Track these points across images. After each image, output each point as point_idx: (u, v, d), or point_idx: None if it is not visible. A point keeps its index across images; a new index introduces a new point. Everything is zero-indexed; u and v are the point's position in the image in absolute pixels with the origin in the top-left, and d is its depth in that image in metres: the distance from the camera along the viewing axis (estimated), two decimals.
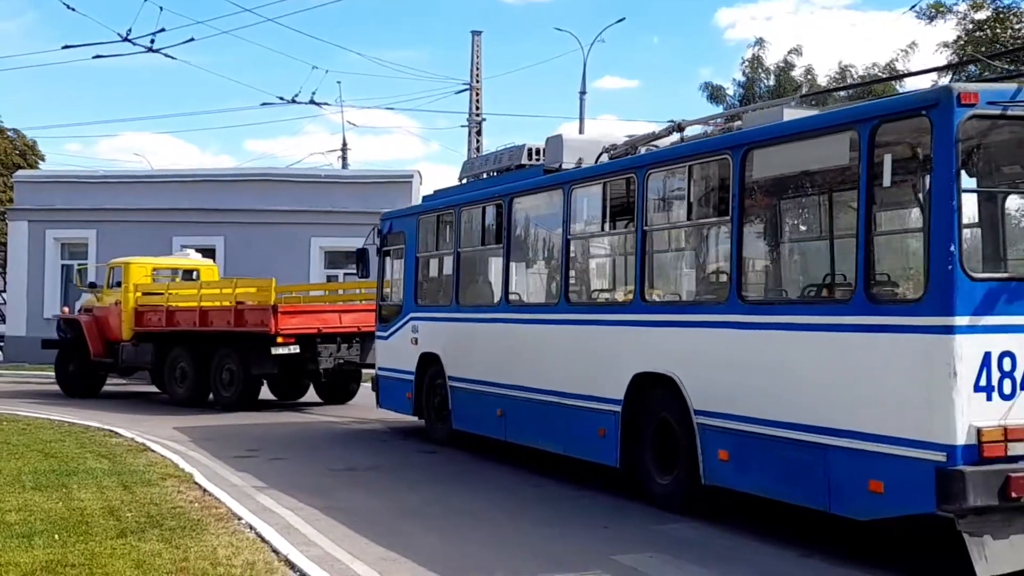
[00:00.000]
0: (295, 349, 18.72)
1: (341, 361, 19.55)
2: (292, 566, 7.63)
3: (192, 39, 24.59)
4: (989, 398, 7.04)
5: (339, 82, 66.88)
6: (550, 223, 12.38)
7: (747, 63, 34.70)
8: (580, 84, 38.35)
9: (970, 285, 7.08)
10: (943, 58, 27.21)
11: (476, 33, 37.83)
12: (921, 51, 32.16)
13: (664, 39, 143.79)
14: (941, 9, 24.66)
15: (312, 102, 29.77)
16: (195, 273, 23.08)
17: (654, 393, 9.97)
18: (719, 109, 34.78)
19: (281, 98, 29.79)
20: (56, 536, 8.18)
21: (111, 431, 15.13)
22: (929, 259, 7.28)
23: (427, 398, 14.70)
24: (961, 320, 7.03)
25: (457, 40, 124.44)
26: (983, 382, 7.05)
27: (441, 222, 14.69)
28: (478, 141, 37.44)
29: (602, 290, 12.57)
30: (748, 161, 8.96)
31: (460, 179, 15.10)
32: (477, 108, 37.42)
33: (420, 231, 15.16)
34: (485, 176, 14.20)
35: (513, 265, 13.08)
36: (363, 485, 11.44)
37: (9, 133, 57.85)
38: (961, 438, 6.95)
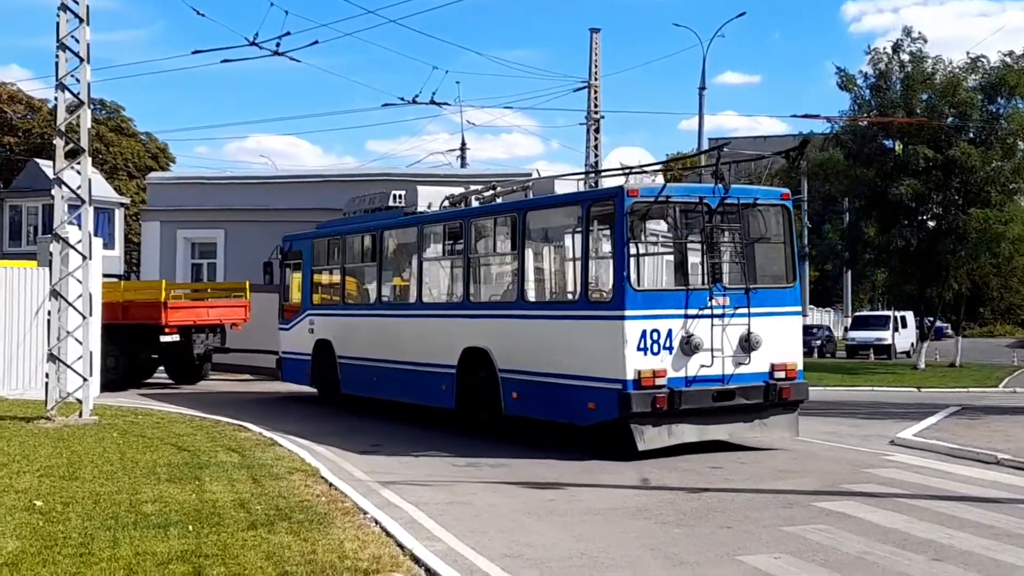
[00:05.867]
0: (177, 338, 23.15)
1: (210, 347, 24.41)
2: (417, 560, 7.70)
3: (316, 42, 25.17)
4: (645, 354, 12.50)
5: (458, 82, 68.17)
6: (409, 249, 17.78)
7: (875, 53, 33.95)
8: (700, 80, 37.95)
9: (634, 293, 12.58)
10: None
11: (594, 31, 37.71)
12: None
13: (786, 34, 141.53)
14: None
15: (432, 102, 29.97)
16: None
17: (475, 360, 15.09)
18: (846, 98, 34.24)
19: (402, 99, 30.11)
20: (190, 527, 8.41)
21: (240, 425, 15.51)
22: (613, 278, 12.82)
23: (321, 372, 19.75)
24: (629, 312, 12.48)
25: (575, 38, 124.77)
26: (641, 345, 12.50)
27: (331, 245, 20.19)
28: (596, 139, 37.29)
29: (443, 294, 17.18)
30: (527, 218, 14.67)
31: (344, 214, 20.34)
32: (595, 106, 37.27)
33: (315, 250, 20.57)
34: (363, 213, 19.38)
35: (384, 276, 18.41)
36: (486, 480, 11.51)
37: (142, 137, 59.94)
38: (630, 376, 12.40)
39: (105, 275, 22.76)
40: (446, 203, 17.46)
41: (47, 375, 16.13)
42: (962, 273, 34.33)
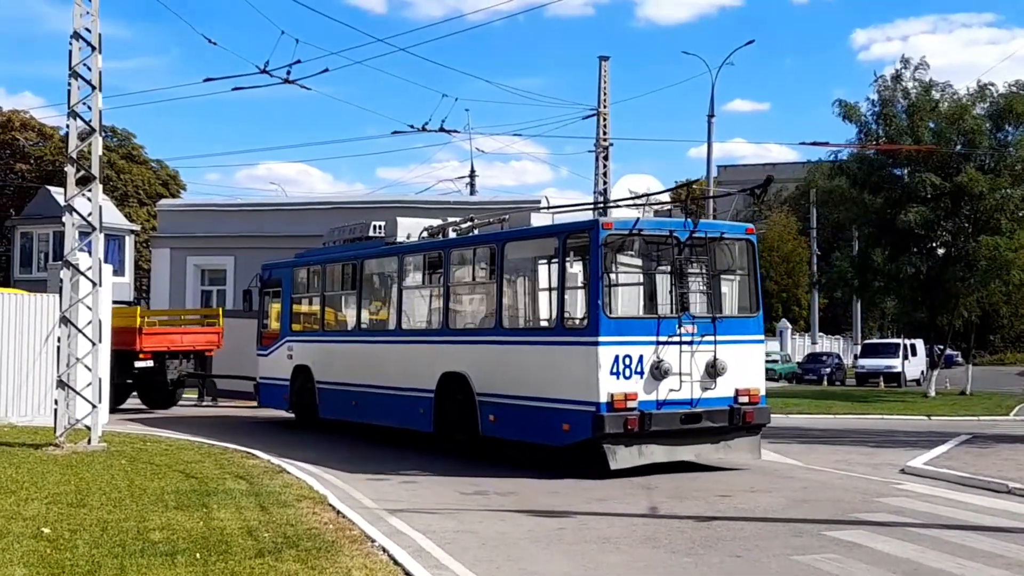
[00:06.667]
0: (150, 363, 23.78)
1: (184, 373, 24.80)
2: None
3: (327, 70, 25.36)
4: (618, 378, 13.18)
5: (467, 110, 68.57)
6: (389, 277, 18.31)
7: (882, 81, 33.99)
8: (708, 108, 38.01)
9: (607, 320, 13.26)
10: None
11: (603, 59, 37.84)
12: None
13: (796, 61, 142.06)
14: None
15: (442, 130, 29.85)
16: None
17: (453, 384, 15.64)
18: (853, 128, 34.24)
19: (411, 126, 29.97)
20: (198, 555, 8.38)
21: (248, 452, 15.49)
22: (588, 306, 13.56)
23: (299, 397, 20.25)
24: (603, 338, 13.18)
25: (584, 66, 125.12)
26: (614, 370, 13.17)
27: (311, 273, 20.72)
28: (605, 166, 37.35)
29: (422, 320, 17.66)
30: (505, 249, 15.27)
31: (323, 243, 20.91)
32: (604, 133, 37.35)
33: (294, 278, 21.07)
34: (343, 243, 20.01)
35: (363, 303, 18.89)
36: (494, 508, 11.45)
37: (153, 164, 60.15)
38: (603, 398, 13.08)
39: (115, 302, 22.87)
40: (424, 234, 18.28)
41: (56, 401, 16.12)
42: (972, 301, 34.23)
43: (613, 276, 13.95)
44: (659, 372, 13.45)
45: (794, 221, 73.29)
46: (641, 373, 13.39)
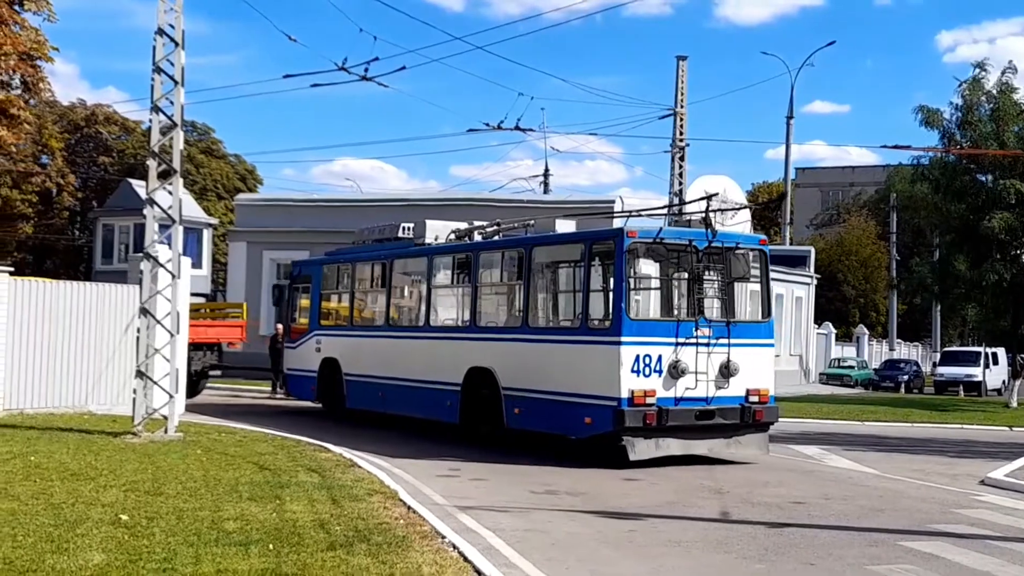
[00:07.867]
0: None
1: (207, 365, 25.73)
2: None
3: (404, 67, 25.34)
4: (638, 376, 14.10)
5: (543, 108, 68.75)
6: (418, 276, 19.49)
7: (965, 85, 33.18)
8: (787, 109, 37.60)
9: (629, 321, 14.18)
10: None
11: (681, 58, 37.59)
12: None
13: (878, 63, 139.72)
14: None
15: (517, 128, 29.98)
16: None
17: (480, 378, 16.63)
18: (934, 134, 33.48)
19: (487, 124, 30.13)
20: (271, 546, 8.46)
21: (320, 446, 15.61)
22: (612, 308, 14.53)
23: (326, 389, 21.23)
24: (625, 339, 14.08)
25: (661, 66, 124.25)
26: (635, 368, 14.08)
27: (340, 270, 21.83)
28: (680, 166, 37.10)
29: (450, 318, 18.66)
30: (532, 252, 16.27)
31: (353, 243, 22.03)
32: (681, 134, 37.09)
33: (324, 275, 22.13)
34: (372, 243, 21.13)
35: (392, 300, 19.95)
36: (564, 508, 11.41)
37: (231, 159, 60.98)
38: (624, 394, 13.99)
39: (193, 294, 23.24)
40: (452, 236, 19.28)
41: (134, 391, 16.42)
42: None
43: (635, 280, 15.04)
44: (676, 371, 14.40)
45: (873, 225, 72.17)
46: (660, 372, 14.34)
